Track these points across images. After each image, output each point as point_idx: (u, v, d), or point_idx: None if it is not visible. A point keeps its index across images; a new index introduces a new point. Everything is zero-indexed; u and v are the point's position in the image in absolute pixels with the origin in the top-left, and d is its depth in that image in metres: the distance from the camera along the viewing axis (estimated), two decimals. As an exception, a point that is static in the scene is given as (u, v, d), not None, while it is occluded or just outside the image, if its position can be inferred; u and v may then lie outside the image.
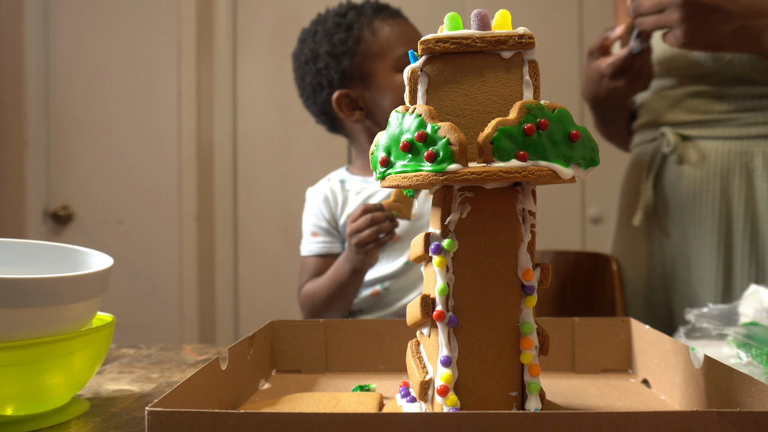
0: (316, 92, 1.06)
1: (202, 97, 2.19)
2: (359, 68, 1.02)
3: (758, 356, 0.59)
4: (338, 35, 1.02)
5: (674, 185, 1.05)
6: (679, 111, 1.06)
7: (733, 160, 1.00)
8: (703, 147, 1.03)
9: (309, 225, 1.07)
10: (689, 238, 1.04)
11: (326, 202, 1.06)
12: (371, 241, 0.88)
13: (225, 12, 2.22)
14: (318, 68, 1.04)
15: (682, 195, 1.04)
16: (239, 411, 0.38)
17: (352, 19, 1.03)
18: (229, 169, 2.25)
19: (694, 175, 1.03)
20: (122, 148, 2.18)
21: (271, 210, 2.24)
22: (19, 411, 0.51)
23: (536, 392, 0.44)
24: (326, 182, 1.10)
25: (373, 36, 1.02)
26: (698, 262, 1.03)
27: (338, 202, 1.06)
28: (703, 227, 1.02)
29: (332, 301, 0.98)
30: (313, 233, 1.06)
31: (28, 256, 0.61)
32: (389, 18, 1.05)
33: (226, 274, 2.25)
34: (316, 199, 1.08)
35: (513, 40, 0.44)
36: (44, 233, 2.16)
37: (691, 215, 1.03)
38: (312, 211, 1.07)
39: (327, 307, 0.99)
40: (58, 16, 2.17)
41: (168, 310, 2.18)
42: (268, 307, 2.19)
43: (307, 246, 1.06)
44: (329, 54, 1.03)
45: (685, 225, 1.05)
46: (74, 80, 2.18)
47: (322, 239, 1.05)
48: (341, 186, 1.08)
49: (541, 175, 0.41)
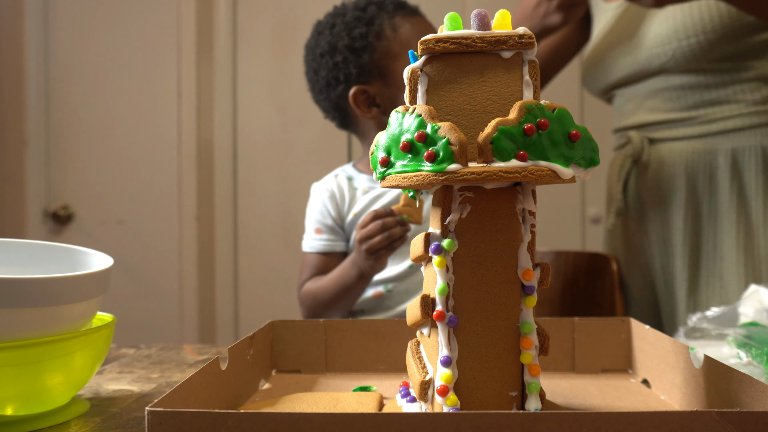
0: (330, 87, 1.04)
1: (202, 97, 2.19)
2: (378, 64, 1.00)
3: (758, 356, 0.59)
4: (359, 29, 1.00)
5: (643, 189, 1.07)
6: (643, 112, 1.07)
7: (698, 160, 1.00)
8: (668, 149, 1.03)
9: (313, 221, 1.05)
10: (662, 239, 1.05)
11: (332, 199, 1.04)
12: (382, 248, 0.87)
13: (225, 12, 2.22)
14: (335, 62, 1.02)
15: (651, 198, 1.06)
16: (239, 411, 0.38)
17: (372, 14, 1.01)
18: (229, 169, 2.25)
19: (660, 177, 1.04)
20: (122, 148, 2.18)
21: (271, 210, 2.24)
22: (19, 411, 0.51)
23: (536, 392, 0.44)
24: (333, 178, 1.08)
25: (394, 32, 1.01)
26: (670, 263, 1.04)
27: (345, 199, 1.04)
28: (672, 229, 1.03)
29: (335, 303, 0.97)
30: (317, 230, 1.04)
31: (28, 256, 0.61)
32: (409, 15, 1.03)
33: (226, 274, 2.25)
34: (321, 195, 1.06)
35: (513, 40, 0.44)
36: (44, 233, 2.16)
37: (660, 217, 1.05)
38: (317, 207, 1.06)
39: (329, 308, 0.98)
40: (58, 16, 2.17)
41: (168, 310, 2.18)
42: (268, 307, 2.19)
43: (309, 242, 1.04)
44: (348, 48, 1.00)
45: (655, 227, 1.06)
46: (74, 80, 2.18)
47: (326, 237, 1.03)
48: (349, 183, 1.06)
49: (541, 175, 0.41)
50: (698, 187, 1.01)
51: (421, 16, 1.06)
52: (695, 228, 1.02)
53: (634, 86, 1.09)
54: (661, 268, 1.07)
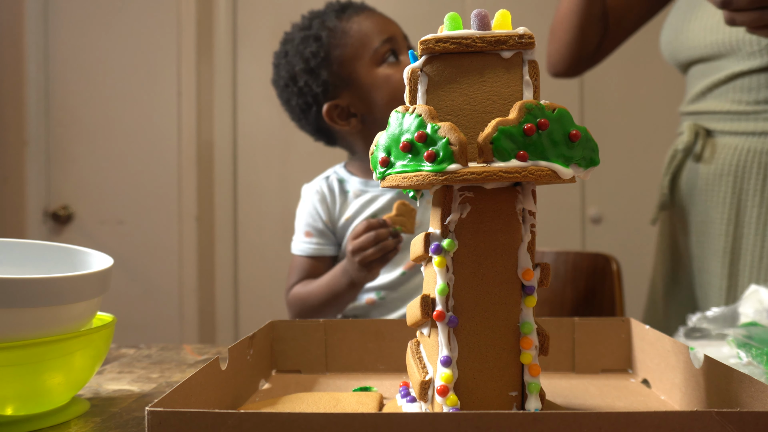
0: (304, 112, 1.03)
1: (202, 97, 2.19)
2: (339, 75, 0.99)
3: (758, 356, 0.59)
4: (309, 48, 0.99)
5: (689, 184, 1.01)
6: (711, 98, 0.98)
7: (751, 160, 0.93)
8: (723, 143, 0.96)
9: (303, 224, 1.04)
10: (698, 240, 0.99)
11: (323, 202, 1.03)
12: (375, 260, 0.86)
13: (225, 12, 2.22)
14: (299, 88, 1.01)
15: (695, 194, 0.99)
16: (239, 411, 0.38)
17: (317, 29, 1.00)
18: (229, 169, 2.25)
19: (707, 174, 0.97)
20: (122, 148, 2.18)
21: (271, 210, 2.24)
22: (19, 411, 0.51)
23: (536, 392, 0.44)
24: (323, 180, 1.06)
25: (345, 37, 0.99)
26: (704, 267, 0.99)
27: (336, 202, 1.03)
28: (711, 231, 0.97)
29: (323, 309, 0.96)
30: (306, 233, 1.03)
31: (28, 256, 0.61)
32: (354, 15, 1.01)
33: (226, 274, 2.25)
34: (312, 198, 1.04)
35: (513, 40, 0.44)
36: (44, 233, 2.16)
37: (701, 218, 0.99)
38: (307, 209, 1.04)
39: (317, 314, 0.97)
40: (58, 16, 2.17)
41: (168, 310, 2.18)
42: (268, 307, 2.19)
43: (298, 245, 1.03)
44: (305, 71, 0.99)
45: (695, 226, 1.00)
46: (74, 80, 2.18)
47: (316, 240, 1.02)
48: (340, 186, 1.05)
49: (541, 175, 0.41)
50: (747, 189, 0.94)
51: (368, 10, 1.03)
52: (738, 233, 0.95)
53: (710, 65, 0.99)
54: (699, 271, 1.00)
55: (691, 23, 0.99)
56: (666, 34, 1.06)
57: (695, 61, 1.01)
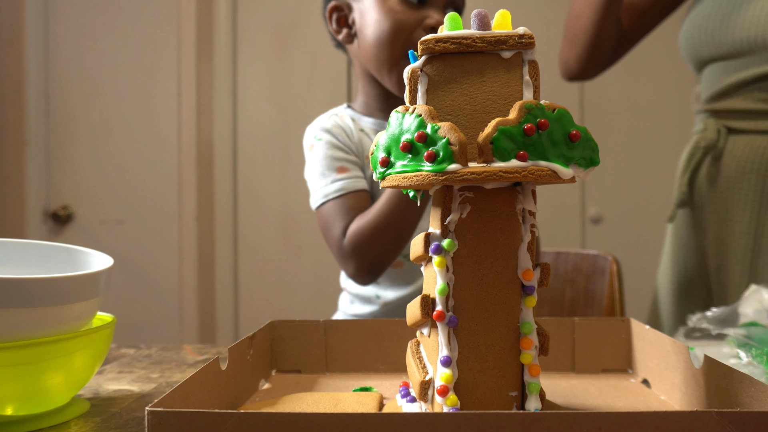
0: (327, 22, 0.97)
1: (202, 97, 2.19)
2: None
3: (758, 356, 0.59)
4: None
5: (709, 182, 0.98)
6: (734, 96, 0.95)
7: None
8: (745, 142, 0.94)
9: (331, 162, 0.91)
10: (718, 238, 0.97)
11: (343, 135, 0.94)
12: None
13: (225, 12, 2.22)
14: None
15: (716, 193, 0.97)
16: (239, 411, 0.38)
17: None
18: (229, 169, 2.25)
19: (728, 173, 0.95)
20: (122, 148, 2.18)
21: (271, 210, 2.24)
22: (19, 411, 0.51)
23: (536, 392, 0.44)
24: (333, 116, 0.97)
25: None
26: (723, 265, 0.97)
27: (353, 138, 0.94)
28: (731, 232, 0.95)
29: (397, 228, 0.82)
30: (339, 168, 0.91)
31: (28, 256, 0.61)
32: None
33: (226, 274, 2.25)
34: (332, 131, 0.94)
35: (513, 40, 0.44)
36: (44, 233, 2.16)
37: (720, 217, 0.97)
38: (330, 146, 0.92)
39: (393, 241, 0.83)
40: (58, 16, 2.17)
41: (168, 310, 2.18)
42: (268, 307, 2.19)
43: (332, 187, 0.89)
44: None
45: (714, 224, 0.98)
46: (74, 80, 2.18)
47: (353, 174, 0.90)
48: (354, 123, 0.96)
49: (541, 175, 0.41)
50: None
51: None
52: (759, 232, 0.92)
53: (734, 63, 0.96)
54: (717, 270, 0.98)
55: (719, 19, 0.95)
56: (688, 29, 1.02)
57: (721, 58, 0.98)
